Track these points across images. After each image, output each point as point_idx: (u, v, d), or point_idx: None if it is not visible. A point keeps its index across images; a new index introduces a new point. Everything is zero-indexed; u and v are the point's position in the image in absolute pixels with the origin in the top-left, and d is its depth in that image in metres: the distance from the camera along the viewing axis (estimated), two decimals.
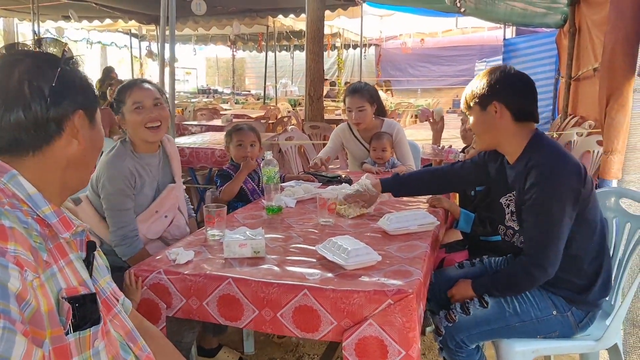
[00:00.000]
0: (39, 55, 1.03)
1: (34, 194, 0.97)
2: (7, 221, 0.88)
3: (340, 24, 12.91)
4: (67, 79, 1.01)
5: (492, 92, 1.77)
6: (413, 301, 1.39)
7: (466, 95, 1.87)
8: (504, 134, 1.79)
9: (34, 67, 0.98)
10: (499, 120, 1.77)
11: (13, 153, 0.98)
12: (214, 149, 4.36)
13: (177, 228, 2.27)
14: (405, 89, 17.35)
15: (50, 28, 11.85)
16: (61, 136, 1.00)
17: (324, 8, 6.65)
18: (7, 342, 0.78)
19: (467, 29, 15.13)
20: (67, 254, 0.99)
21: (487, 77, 1.80)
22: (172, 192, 2.23)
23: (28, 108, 0.95)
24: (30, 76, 0.97)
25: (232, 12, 9.84)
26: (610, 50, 2.51)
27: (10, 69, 0.97)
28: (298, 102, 12.74)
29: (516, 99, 1.77)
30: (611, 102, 2.52)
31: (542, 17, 6.88)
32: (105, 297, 1.10)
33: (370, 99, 3.37)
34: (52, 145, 1.00)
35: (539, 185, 1.65)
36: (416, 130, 6.00)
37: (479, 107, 1.81)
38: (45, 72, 0.98)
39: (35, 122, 0.96)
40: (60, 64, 1.00)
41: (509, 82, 1.78)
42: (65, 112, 1.00)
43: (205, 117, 7.99)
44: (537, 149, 1.74)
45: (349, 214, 2.26)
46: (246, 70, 21.41)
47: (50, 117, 0.98)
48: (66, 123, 1.00)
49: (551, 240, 1.65)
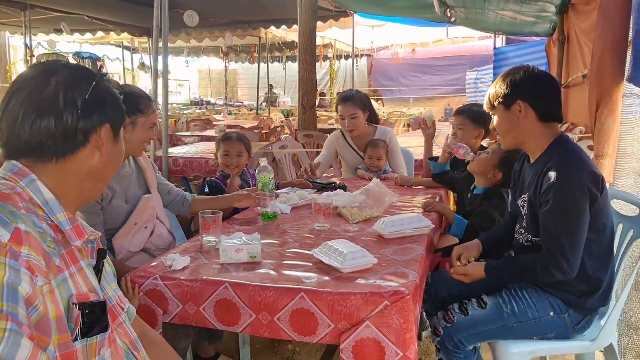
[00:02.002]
0: (76, 68, 1.06)
1: (51, 200, 0.98)
2: (23, 225, 0.88)
3: (332, 34, 13.03)
4: (100, 93, 1.04)
5: (515, 91, 1.77)
6: (409, 302, 1.39)
7: (490, 95, 1.86)
8: (528, 133, 1.79)
9: (70, 78, 1.01)
10: (524, 120, 1.77)
11: (37, 157, 1.00)
12: (207, 159, 4.37)
13: (159, 238, 2.26)
14: (397, 98, 17.45)
15: (42, 41, 11.87)
16: (85, 147, 1.03)
17: (315, 19, 6.70)
18: (13, 345, 0.78)
19: (458, 39, 15.32)
20: (78, 261, 1.00)
21: (510, 77, 1.80)
22: (148, 203, 2.23)
23: (59, 117, 0.98)
24: (66, 86, 1.00)
25: (224, 24, 9.89)
26: (599, 56, 2.55)
27: (47, 77, 1.00)
28: (291, 113, 12.78)
29: (540, 98, 1.77)
30: (601, 107, 2.55)
31: (532, 25, 6.96)
32: (112, 305, 1.10)
33: (362, 106, 3.40)
34: (76, 155, 1.02)
35: (556, 186, 1.64)
36: (409, 138, 6.03)
37: (503, 107, 1.81)
38: (80, 84, 1.02)
39: (64, 131, 0.99)
40: (96, 79, 1.04)
41: (532, 82, 1.78)
42: (94, 125, 1.03)
43: (198, 128, 8.00)
44: (559, 150, 1.74)
45: (354, 219, 2.27)
46: (239, 82, 21.47)
47: (79, 127, 1.01)
48: (92, 135, 1.03)
49: (571, 242, 1.65)
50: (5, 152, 1.01)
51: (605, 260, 1.76)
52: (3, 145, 1.01)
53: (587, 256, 1.71)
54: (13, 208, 0.90)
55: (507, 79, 1.80)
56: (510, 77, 1.80)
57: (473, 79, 13.45)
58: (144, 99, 2.13)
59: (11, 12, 8.49)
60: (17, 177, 0.97)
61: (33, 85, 0.99)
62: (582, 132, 4.90)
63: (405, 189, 3.03)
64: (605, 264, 1.76)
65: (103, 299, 1.01)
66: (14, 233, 0.86)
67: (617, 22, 2.46)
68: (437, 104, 15.97)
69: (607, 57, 2.50)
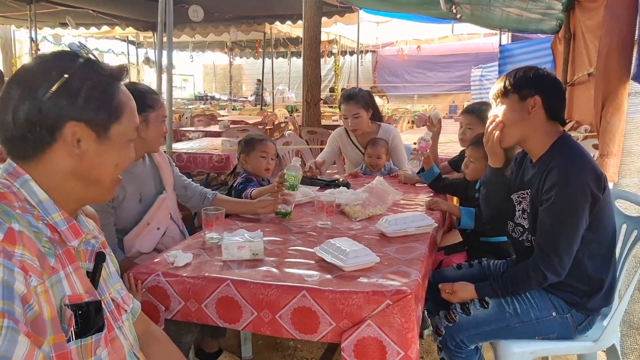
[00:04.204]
0: (53, 59, 1.00)
1: (45, 201, 0.97)
2: (17, 225, 0.88)
3: (337, 30, 13.00)
4: (74, 87, 0.97)
5: (536, 86, 1.76)
6: (411, 301, 1.39)
7: (506, 83, 1.81)
8: (533, 129, 1.78)
9: (43, 70, 0.97)
10: (532, 116, 1.76)
11: (17, 157, 0.98)
12: (211, 154, 4.37)
13: (171, 240, 2.24)
14: (402, 94, 17.41)
15: (47, 35, 11.88)
16: (52, 146, 0.97)
17: (320, 15, 6.69)
18: (10, 342, 0.78)
19: (463, 36, 15.26)
20: (75, 260, 0.99)
21: (532, 71, 1.79)
22: (163, 203, 2.21)
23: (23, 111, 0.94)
24: (35, 79, 0.96)
25: (229, 19, 9.88)
26: (605, 55, 2.53)
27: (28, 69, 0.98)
28: (295, 108, 12.78)
29: (554, 99, 1.78)
30: (606, 106, 2.53)
31: (538, 23, 6.92)
32: (111, 309, 1.09)
33: (365, 105, 3.38)
34: (48, 154, 0.97)
35: (558, 186, 1.65)
36: (413, 135, 6.02)
37: (518, 97, 1.78)
38: (50, 76, 0.96)
39: (28, 125, 0.95)
40: (70, 71, 0.97)
41: (552, 82, 1.80)
42: (57, 122, 0.96)
43: (202, 123, 8.01)
44: (561, 150, 1.74)
45: (357, 217, 2.26)
46: (243, 77, 21.47)
47: (41, 123, 0.95)
48: (57, 133, 0.97)
49: (566, 242, 1.65)
50: (4, 150, 1.00)
51: (606, 260, 1.76)
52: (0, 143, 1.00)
53: (588, 256, 1.71)
54: (7, 207, 0.90)
55: (529, 72, 1.79)
56: (532, 71, 1.79)
57: (478, 76, 13.40)
58: (151, 94, 2.11)
59: (17, 6, 8.51)
60: (12, 178, 0.97)
61: (16, 78, 0.97)
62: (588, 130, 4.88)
63: (408, 187, 3.03)
64: (607, 264, 1.76)
65: (99, 299, 1.00)
66: (8, 233, 0.86)
67: (623, 20, 2.44)
68: (441, 101, 15.95)
69: (613, 55, 2.48)
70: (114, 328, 1.06)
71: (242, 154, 2.72)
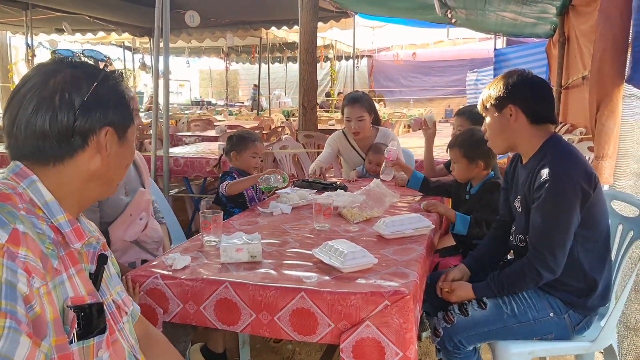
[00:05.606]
0: (79, 67, 1.02)
1: (51, 202, 0.97)
2: (22, 226, 0.88)
3: (333, 35, 13.02)
4: (102, 94, 1.00)
5: (508, 95, 1.79)
6: (410, 302, 1.40)
7: (483, 97, 1.89)
8: (518, 136, 1.81)
9: (71, 78, 0.98)
10: (514, 124, 1.79)
11: (35, 160, 0.98)
12: (208, 159, 4.36)
13: (154, 231, 2.31)
14: (397, 99, 17.45)
15: (43, 41, 11.87)
16: (84, 150, 1.00)
17: (316, 20, 6.70)
18: (12, 342, 0.78)
19: (458, 40, 15.31)
20: (78, 262, 1.00)
21: (504, 80, 1.82)
22: (143, 196, 2.26)
23: (54, 118, 0.95)
24: (65, 87, 0.97)
25: (225, 24, 9.89)
26: (599, 58, 2.55)
27: (47, 78, 0.97)
28: (292, 113, 12.79)
29: (532, 103, 1.79)
30: (601, 109, 2.55)
31: (532, 27, 6.97)
32: (112, 311, 1.09)
33: (369, 109, 3.42)
34: (75, 159, 0.99)
35: (549, 183, 1.66)
36: (409, 139, 6.04)
37: (495, 109, 1.83)
38: (80, 85, 0.98)
39: (59, 133, 0.96)
40: (98, 79, 1.00)
41: (525, 86, 1.80)
42: (92, 127, 0.99)
43: (199, 128, 8.01)
44: (551, 149, 1.76)
45: (355, 219, 2.27)
46: (239, 82, 21.47)
47: (76, 130, 0.97)
48: (92, 138, 1.00)
49: (559, 239, 1.67)
50: (10, 153, 1.00)
51: (602, 258, 1.77)
52: (6, 147, 1.01)
53: (583, 254, 1.72)
54: (12, 208, 0.90)
55: (500, 83, 1.83)
56: (503, 81, 1.82)
57: (473, 80, 13.47)
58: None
59: (13, 12, 8.48)
60: (18, 178, 0.97)
61: (32, 86, 0.97)
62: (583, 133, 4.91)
63: (405, 190, 3.03)
64: (602, 262, 1.77)
65: (101, 301, 1.00)
66: (12, 234, 0.86)
67: (617, 23, 2.46)
68: (437, 105, 15.98)
69: (607, 58, 2.50)
70: (115, 330, 1.06)
71: (234, 151, 2.86)
